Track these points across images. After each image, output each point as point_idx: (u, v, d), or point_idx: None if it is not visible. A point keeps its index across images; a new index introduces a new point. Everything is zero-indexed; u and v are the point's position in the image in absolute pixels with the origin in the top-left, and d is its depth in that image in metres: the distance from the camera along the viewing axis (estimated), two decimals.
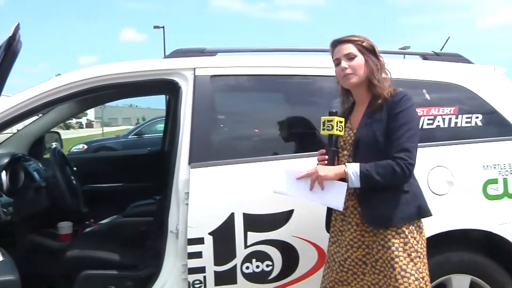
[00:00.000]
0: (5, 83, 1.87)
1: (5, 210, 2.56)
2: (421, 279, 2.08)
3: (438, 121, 2.76)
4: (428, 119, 2.75)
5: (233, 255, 2.54)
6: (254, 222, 2.54)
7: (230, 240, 2.53)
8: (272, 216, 2.55)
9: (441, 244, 2.60)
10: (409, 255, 2.07)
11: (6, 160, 3.34)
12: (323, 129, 2.16)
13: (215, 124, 2.88)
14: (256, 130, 3.09)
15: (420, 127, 2.46)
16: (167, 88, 2.75)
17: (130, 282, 2.82)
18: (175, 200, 2.56)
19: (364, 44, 2.17)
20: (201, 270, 2.53)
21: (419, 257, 2.10)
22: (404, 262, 2.06)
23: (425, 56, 3.08)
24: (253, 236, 2.55)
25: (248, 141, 3.03)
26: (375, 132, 2.10)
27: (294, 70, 2.85)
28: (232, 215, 2.52)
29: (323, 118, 2.16)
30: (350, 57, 2.16)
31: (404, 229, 2.09)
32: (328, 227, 2.37)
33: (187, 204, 2.50)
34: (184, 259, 2.52)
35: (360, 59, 2.16)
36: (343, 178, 2.10)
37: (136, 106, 72.70)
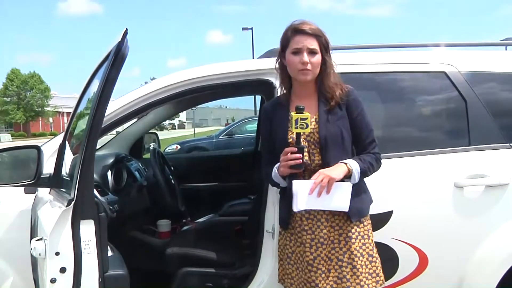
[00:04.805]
0: (114, 87, 1.96)
1: (111, 207, 2.68)
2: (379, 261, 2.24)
3: None
4: None
5: None
6: None
7: None
8: (371, 217, 2.47)
9: None
10: (372, 240, 2.23)
11: (111, 160, 3.50)
12: (296, 127, 2.05)
13: None
14: None
15: None
16: (262, 88, 2.74)
17: (227, 280, 2.87)
18: (271, 200, 2.56)
19: (323, 41, 2.15)
20: None
21: (373, 240, 2.25)
22: (370, 248, 2.20)
23: None
24: None
25: None
26: (342, 129, 2.16)
27: (396, 66, 2.76)
28: None
29: (295, 116, 2.04)
30: (313, 52, 2.13)
31: (363, 219, 2.22)
32: (285, 224, 2.29)
33: None
34: None
35: (319, 57, 2.15)
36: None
37: (226, 107, 74.23)
